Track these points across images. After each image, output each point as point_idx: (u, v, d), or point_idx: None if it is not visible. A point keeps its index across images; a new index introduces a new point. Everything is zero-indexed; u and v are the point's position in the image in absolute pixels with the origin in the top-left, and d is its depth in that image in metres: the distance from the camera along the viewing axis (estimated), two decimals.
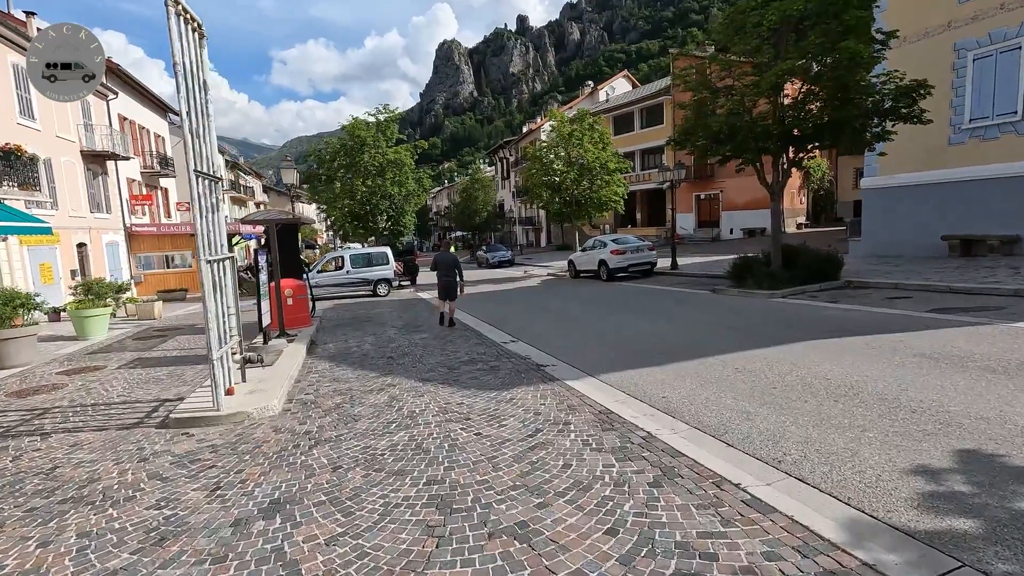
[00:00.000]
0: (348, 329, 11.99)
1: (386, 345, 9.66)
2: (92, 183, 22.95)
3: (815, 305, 10.50)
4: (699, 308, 11.36)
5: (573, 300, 14.53)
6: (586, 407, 5.35)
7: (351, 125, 21.97)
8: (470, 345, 9.15)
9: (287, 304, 11.34)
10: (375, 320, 13.23)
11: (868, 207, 17.89)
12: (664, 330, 9.14)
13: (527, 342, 9.08)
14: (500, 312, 13.18)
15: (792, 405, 5.01)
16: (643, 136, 40.80)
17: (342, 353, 9.21)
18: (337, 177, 21.82)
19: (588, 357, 7.65)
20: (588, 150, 22.84)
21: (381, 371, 7.64)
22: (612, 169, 23.43)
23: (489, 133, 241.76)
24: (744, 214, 35.72)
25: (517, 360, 7.71)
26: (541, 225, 53.58)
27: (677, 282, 16.75)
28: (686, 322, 9.79)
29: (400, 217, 22.40)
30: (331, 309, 16.33)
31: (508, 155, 60.32)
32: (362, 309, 15.86)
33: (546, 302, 14.69)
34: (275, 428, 5.39)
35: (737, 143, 12.53)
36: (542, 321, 11.26)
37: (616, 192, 23.51)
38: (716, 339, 8.08)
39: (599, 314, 11.41)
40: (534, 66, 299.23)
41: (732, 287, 13.39)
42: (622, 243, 19.48)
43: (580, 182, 23.16)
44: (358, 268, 19.66)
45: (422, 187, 23.18)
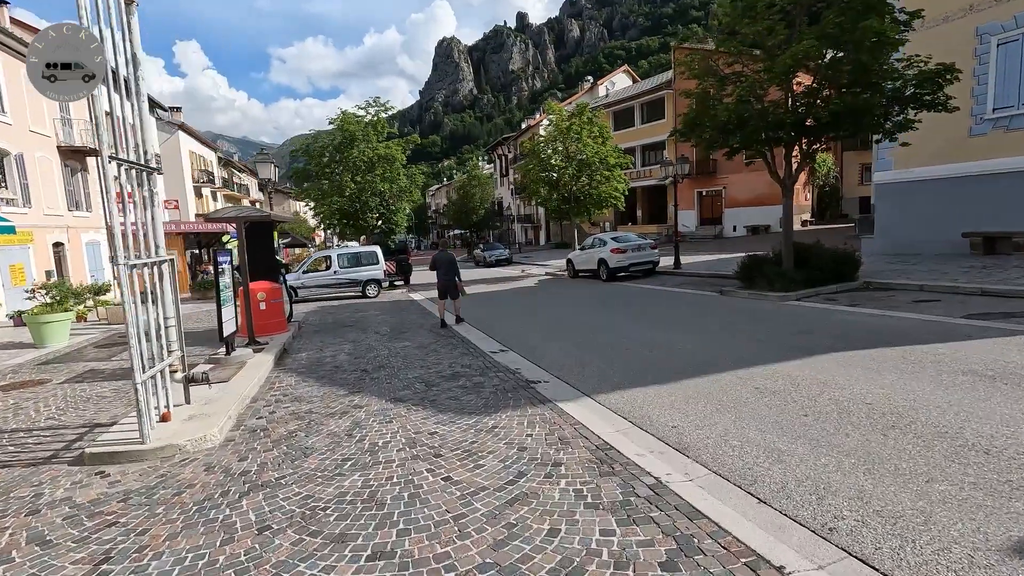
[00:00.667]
0: (327, 335, 11.10)
1: (364, 355, 8.77)
2: (71, 180, 22.06)
3: (834, 309, 9.59)
4: (706, 312, 10.46)
5: (570, 303, 13.63)
6: (581, 440, 4.46)
7: (340, 119, 21.05)
8: (455, 355, 8.26)
9: (259, 309, 10.45)
10: (359, 325, 12.34)
11: (881, 203, 16.96)
12: (669, 338, 8.24)
13: (518, 352, 8.19)
14: (492, 316, 12.29)
15: (831, 440, 4.11)
16: (644, 131, 39.86)
17: (314, 364, 8.31)
18: (325, 174, 20.90)
19: (585, 371, 6.76)
20: (587, 144, 21.92)
21: (351, 388, 6.74)
22: (612, 164, 22.51)
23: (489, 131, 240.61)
24: (748, 211, 34.80)
25: (505, 375, 6.81)
26: (540, 223, 52.67)
27: (681, 282, 15.84)
28: (693, 328, 8.89)
29: (391, 215, 21.47)
30: (315, 312, 15.44)
31: (507, 152, 59.35)
32: (348, 312, 14.97)
33: (541, 305, 13.79)
34: (208, 466, 4.50)
35: (746, 134, 11.61)
36: (536, 327, 10.37)
37: (616, 188, 22.59)
38: (728, 349, 7.18)
39: (597, 319, 10.52)
40: (534, 63, 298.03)
41: (741, 288, 12.48)
42: (623, 241, 18.58)
43: (579, 178, 22.23)
44: (346, 268, 18.76)
45: (415, 183, 22.27)
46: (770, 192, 34.06)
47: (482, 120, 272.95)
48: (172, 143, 37.39)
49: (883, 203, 16.84)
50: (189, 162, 39.71)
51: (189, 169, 39.47)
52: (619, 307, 11.98)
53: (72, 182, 22.29)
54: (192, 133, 40.35)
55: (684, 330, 8.80)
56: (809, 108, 10.95)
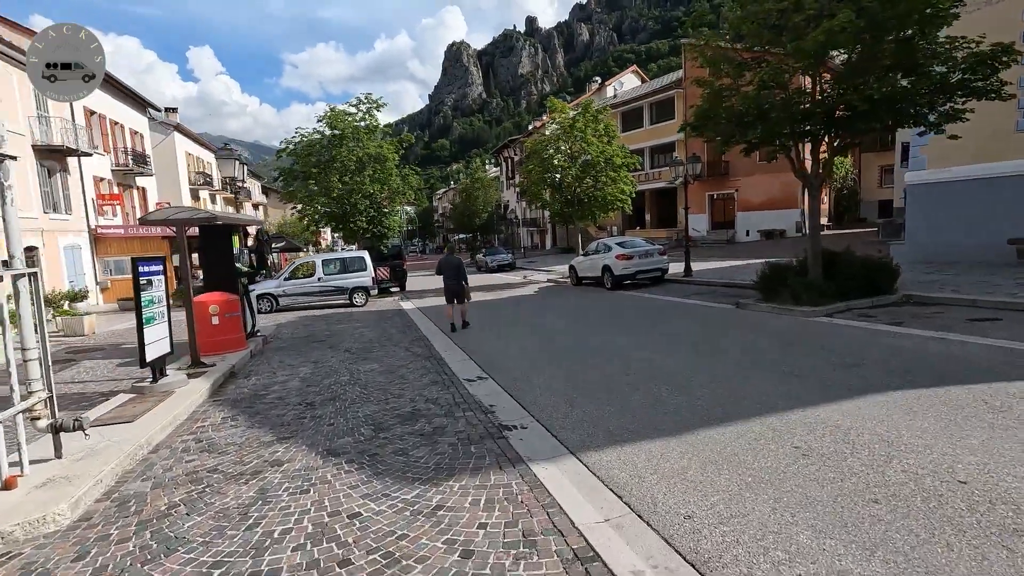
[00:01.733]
0: (290, 354, 9.81)
1: (319, 381, 7.46)
2: (47, 181, 21.02)
3: (876, 329, 8.16)
4: (724, 330, 9.05)
5: (568, 316, 12.26)
6: (553, 538, 3.11)
7: (328, 116, 19.83)
8: (423, 383, 6.93)
9: (210, 324, 9.18)
10: (331, 340, 11.05)
11: (913, 205, 15.46)
12: (680, 365, 6.85)
13: (499, 380, 6.85)
14: (480, 330, 10.96)
15: (927, 558, 2.73)
16: (653, 132, 38.46)
17: (256, 394, 7.01)
18: (312, 174, 19.69)
19: (573, 412, 5.40)
20: (591, 143, 20.55)
21: (282, 432, 5.42)
22: (618, 164, 21.12)
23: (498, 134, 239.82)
24: (761, 215, 33.27)
25: (475, 416, 5.47)
26: (546, 227, 51.32)
27: (692, 292, 14.42)
28: (709, 352, 7.50)
29: (383, 217, 20.20)
30: (290, 324, 14.18)
31: (513, 154, 58.11)
32: (325, 324, 13.70)
33: (537, 317, 12.44)
34: (25, 569, 3.19)
35: (768, 126, 10.21)
36: (526, 346, 9.02)
37: (623, 190, 21.20)
38: (754, 384, 5.79)
39: (596, 337, 9.15)
40: (543, 67, 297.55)
41: (761, 301, 11.06)
42: (629, 247, 17.19)
43: (583, 179, 20.86)
44: (331, 275, 17.50)
45: (408, 185, 21.01)
46: (785, 195, 32.55)
47: (491, 124, 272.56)
48: (167, 144, 36.44)
49: (915, 206, 15.34)
50: (185, 164, 38.78)
51: (185, 171, 38.54)
52: (622, 323, 10.61)
53: (49, 183, 21.26)
54: (189, 134, 39.44)
55: (698, 355, 7.40)
56: (841, 96, 9.52)
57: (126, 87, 28.26)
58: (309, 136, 19.86)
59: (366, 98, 20.37)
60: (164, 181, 36.09)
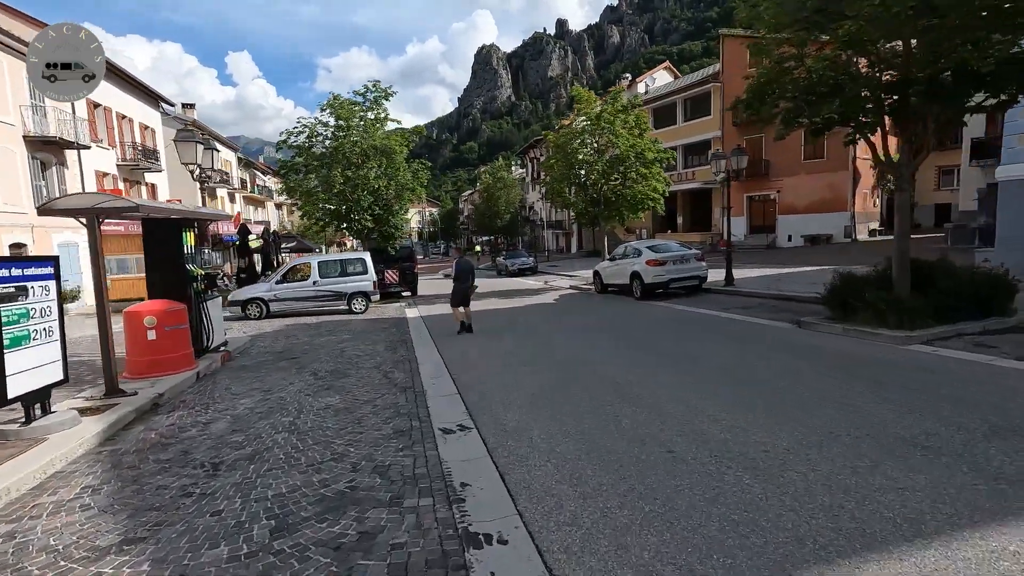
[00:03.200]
0: (246, 375, 8.04)
1: (252, 424, 5.62)
2: (41, 174, 19.94)
3: (1009, 368, 5.94)
4: (790, 362, 6.92)
5: (590, 333, 10.24)
6: None
7: (330, 104, 18.16)
8: (384, 434, 5.04)
9: (145, 340, 7.47)
10: (304, 358, 9.26)
11: (1009, 206, 12.96)
12: (751, 425, 4.77)
13: (486, 433, 4.93)
14: (484, 351, 9.04)
15: None
16: (687, 130, 36.05)
17: (160, 443, 5.21)
18: (313, 167, 18.07)
19: (586, 508, 3.42)
20: (620, 136, 18.45)
21: (139, 523, 3.58)
22: (650, 160, 18.98)
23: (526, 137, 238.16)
24: (805, 218, 30.59)
25: (432, 508, 3.54)
26: (571, 229, 49.23)
27: (737, 306, 12.24)
28: (784, 400, 5.40)
29: (389, 216, 18.43)
30: (272, 334, 12.48)
31: (539, 155, 56.22)
32: (309, 335, 11.95)
33: (553, 333, 10.43)
34: None
35: (847, 100, 8.02)
36: (531, 376, 7.05)
37: (655, 188, 19.04)
38: (884, 471, 3.71)
39: (621, 367, 7.12)
40: (572, 69, 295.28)
41: (830, 320, 8.87)
42: (661, 251, 15.05)
43: (610, 175, 18.75)
44: (328, 279, 15.80)
45: (419, 181, 19.23)
46: (832, 197, 29.79)
47: (520, 127, 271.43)
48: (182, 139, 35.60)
49: (1011, 206, 12.84)
50: None
51: None
52: (655, 345, 8.55)
53: (44, 176, 20.20)
54: (206, 131, 38.61)
55: (770, 405, 5.30)
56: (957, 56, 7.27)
57: (136, 80, 27.33)
58: (312, 126, 18.23)
59: (374, 86, 18.69)
60: (179, 178, 35.21)
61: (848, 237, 29.11)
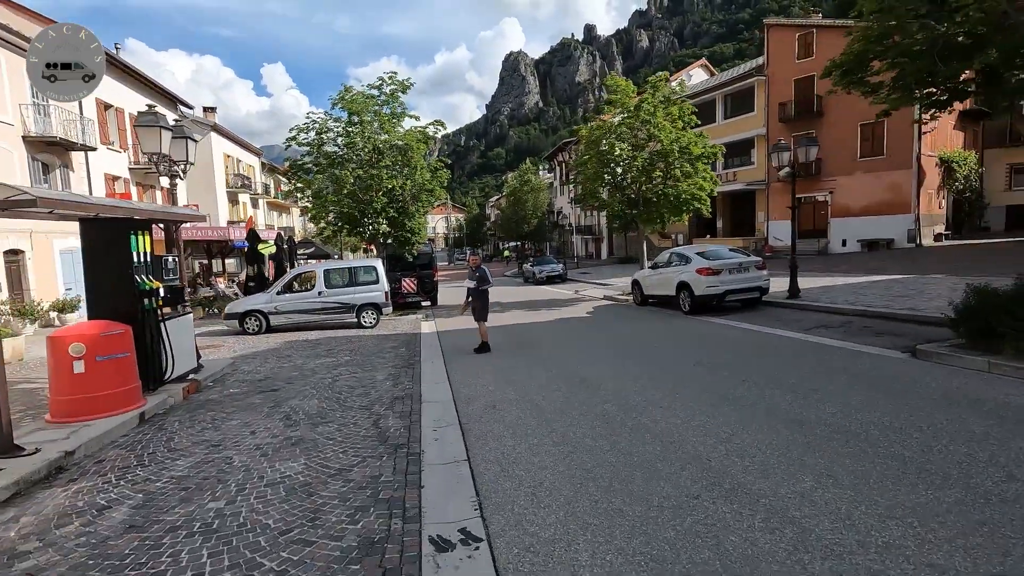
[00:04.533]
0: (204, 415, 6.33)
1: (165, 512, 3.86)
2: (44, 177, 18.91)
3: None
4: (925, 414, 4.84)
5: (641, 363, 8.27)
6: None
7: (342, 96, 16.57)
8: (343, 547, 3.20)
9: (71, 373, 5.81)
10: (286, 390, 7.53)
11: None
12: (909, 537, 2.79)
13: (503, 550, 3.04)
14: (507, 387, 7.17)
15: None
16: (727, 128, 33.63)
17: (8, 549, 3.48)
18: (323, 166, 16.49)
19: None
20: (664, 128, 16.39)
21: None
22: (696, 155, 16.87)
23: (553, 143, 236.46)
24: (861, 222, 27.92)
25: None
26: (602, 235, 47.08)
27: (814, 324, 10.09)
28: (945, 499, 3.39)
29: (405, 219, 16.70)
30: (261, 355, 10.82)
31: (567, 158, 54.27)
32: (303, 357, 10.25)
33: (594, 364, 8.49)
34: None
35: (1008, 49, 5.90)
36: (576, 442, 5.15)
37: (701, 186, 16.91)
38: None
39: (701, 426, 5.16)
40: (600, 74, 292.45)
41: (959, 349, 6.72)
42: (714, 257, 12.96)
43: (651, 173, 16.68)
44: (335, 289, 14.16)
45: (438, 181, 17.51)
46: (893, 197, 27.02)
47: (547, 132, 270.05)
48: (203, 145, 34.70)
49: None
50: (223, 165, 37.19)
51: (223, 173, 36.93)
52: (729, 387, 6.54)
53: (48, 179, 19.17)
54: (228, 135, 37.92)
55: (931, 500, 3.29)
56: None
57: (152, 81, 26.45)
58: (322, 122, 16.66)
59: (390, 78, 17.08)
60: (199, 183, 34.45)
61: (912, 242, 26.35)
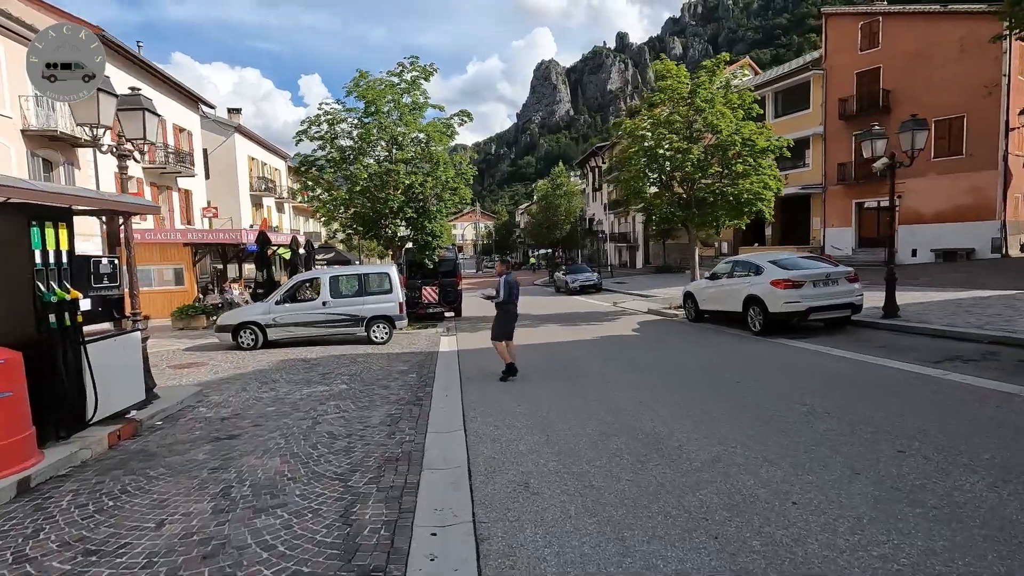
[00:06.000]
0: (110, 486, 4.44)
1: None
2: (45, 175, 17.74)
3: None
4: None
5: (715, 400, 6.11)
6: None
7: (356, 82, 14.78)
8: None
9: None
10: (247, 437, 5.62)
11: None
12: None
13: None
14: (534, 451, 5.11)
15: None
16: (779, 127, 30.61)
17: None
18: (335, 161, 14.71)
19: None
20: (725, 116, 14.13)
21: None
22: (761, 149, 14.55)
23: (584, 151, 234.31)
24: (936, 229, 24.99)
25: None
26: (637, 242, 44.63)
27: (939, 355, 7.74)
28: None
29: (425, 220, 14.80)
30: (243, 378, 9.00)
31: (600, 163, 52.07)
32: (293, 383, 8.36)
33: (653, 405, 6.33)
34: None
35: None
36: (652, 563, 3.07)
37: (767, 184, 14.58)
38: None
39: (854, 517, 3.05)
40: (632, 83, 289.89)
41: None
42: (794, 267, 10.69)
43: (708, 168, 14.40)
44: (342, 299, 12.33)
45: (464, 179, 15.61)
46: (974, 202, 23.99)
47: (578, 141, 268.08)
48: (227, 146, 33.93)
49: None
50: (247, 168, 36.22)
51: (246, 176, 35.95)
52: (863, 450, 4.38)
53: (52, 177, 18.01)
54: (253, 137, 36.98)
55: None
56: None
57: (172, 79, 25.44)
58: (334, 114, 14.92)
59: (411, 64, 15.29)
60: (221, 185, 33.51)
61: (997, 251, 23.32)
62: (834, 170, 28.78)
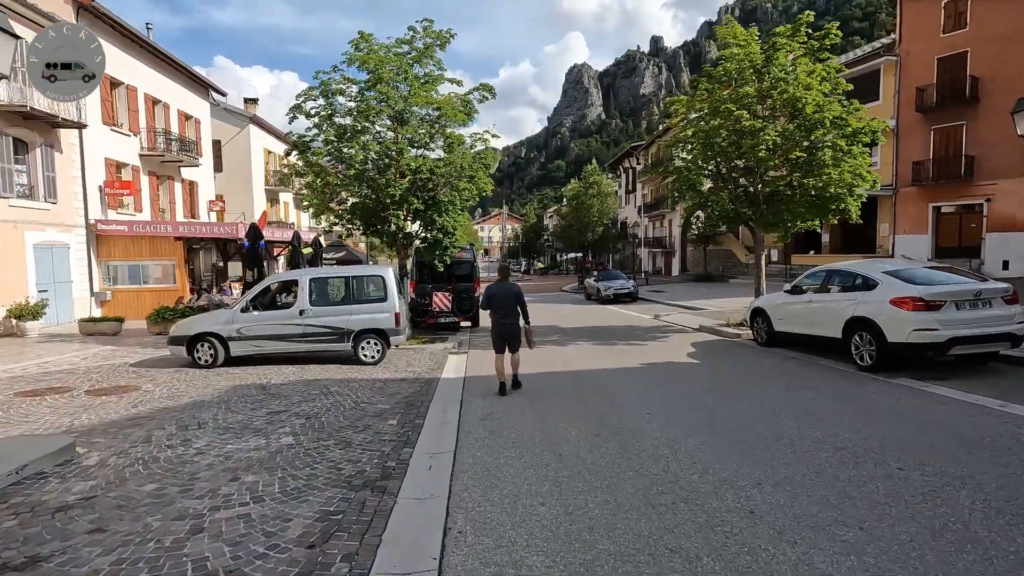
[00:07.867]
0: None
1: None
2: (18, 158, 15.87)
3: None
4: None
5: (869, 505, 3.36)
6: None
7: (356, 47, 12.34)
8: None
9: None
10: (85, 550, 3.15)
11: None
12: None
13: None
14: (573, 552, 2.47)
15: None
16: None
17: None
18: (331, 143, 12.28)
19: None
20: (812, 88, 11.19)
21: None
22: (851, 132, 11.65)
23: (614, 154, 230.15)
24: None
25: None
26: (674, 247, 41.47)
27: None
28: None
29: (436, 213, 12.24)
30: (164, 415, 6.60)
31: (635, 163, 49.09)
32: (218, 430, 5.90)
33: (749, 495, 3.66)
34: None
35: None
36: None
37: (862, 174, 11.64)
38: None
39: None
40: (666, 87, 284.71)
41: None
42: (925, 281, 7.82)
43: (788, 151, 11.48)
44: (324, 306, 9.89)
45: (483, 164, 13.06)
46: None
47: (608, 145, 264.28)
48: (242, 138, 32.18)
49: None
50: (263, 161, 34.47)
51: (262, 169, 34.19)
52: None
53: (27, 161, 16.15)
54: (269, 129, 35.20)
55: None
56: None
57: (177, 62, 23.61)
58: (328, 83, 12.50)
59: (424, 29, 12.86)
60: (235, 179, 31.75)
61: None
62: (907, 169, 25.39)
